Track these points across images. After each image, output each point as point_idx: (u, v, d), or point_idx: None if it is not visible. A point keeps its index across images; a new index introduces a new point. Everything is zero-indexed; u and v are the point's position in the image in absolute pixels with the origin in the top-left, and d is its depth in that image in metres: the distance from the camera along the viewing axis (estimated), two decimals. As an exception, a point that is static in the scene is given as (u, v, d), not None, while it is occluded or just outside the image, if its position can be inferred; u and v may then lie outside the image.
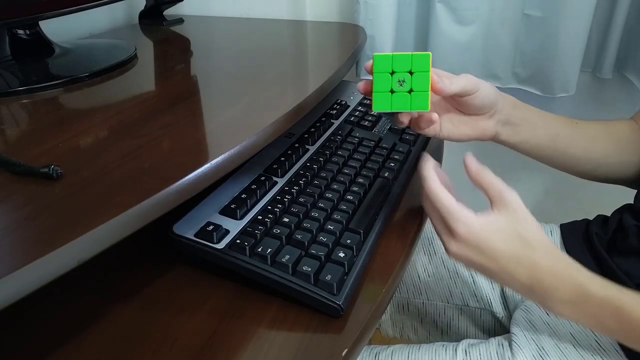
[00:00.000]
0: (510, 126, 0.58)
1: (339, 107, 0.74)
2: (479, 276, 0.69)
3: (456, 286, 0.70)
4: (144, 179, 0.39)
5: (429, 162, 0.50)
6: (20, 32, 0.66)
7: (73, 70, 0.65)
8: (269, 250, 0.45)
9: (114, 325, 0.43)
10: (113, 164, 0.41)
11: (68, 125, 0.50)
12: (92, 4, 0.69)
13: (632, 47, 0.86)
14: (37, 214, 0.34)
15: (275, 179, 0.56)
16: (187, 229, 0.48)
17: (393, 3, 0.90)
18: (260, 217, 0.49)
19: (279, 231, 0.48)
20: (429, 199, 0.48)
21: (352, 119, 0.72)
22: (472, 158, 0.50)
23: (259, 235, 0.47)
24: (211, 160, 0.41)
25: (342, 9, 1.00)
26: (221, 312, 0.44)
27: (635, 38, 0.85)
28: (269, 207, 0.51)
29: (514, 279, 0.46)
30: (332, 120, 0.71)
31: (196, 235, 0.47)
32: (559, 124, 0.60)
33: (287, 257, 0.45)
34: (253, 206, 0.51)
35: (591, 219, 0.67)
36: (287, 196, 0.53)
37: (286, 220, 0.49)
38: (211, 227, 0.47)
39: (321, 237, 0.48)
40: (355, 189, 0.56)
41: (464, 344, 0.56)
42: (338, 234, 0.49)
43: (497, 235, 0.46)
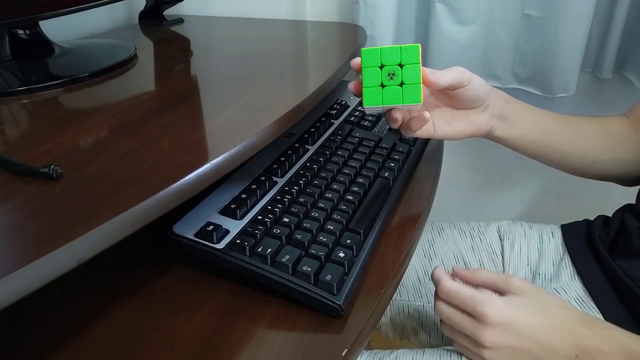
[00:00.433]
0: (505, 120, 0.57)
1: (339, 107, 0.74)
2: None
3: None
4: (144, 179, 0.39)
5: (438, 268, 0.52)
6: (20, 32, 0.66)
7: (73, 70, 0.65)
8: (269, 250, 0.45)
9: (114, 325, 0.43)
10: (113, 164, 0.41)
11: (68, 125, 0.50)
12: (92, 4, 0.69)
13: (632, 47, 0.86)
14: (37, 214, 0.34)
15: (275, 179, 0.56)
16: (187, 229, 0.48)
17: (393, 3, 0.89)
18: (260, 217, 0.49)
19: (279, 231, 0.48)
20: (449, 297, 0.49)
21: (352, 119, 0.72)
22: (451, 270, 0.53)
23: (259, 235, 0.47)
24: (211, 160, 0.41)
25: (342, 9, 1.00)
26: (221, 312, 0.44)
27: (635, 38, 0.85)
28: (269, 207, 0.51)
29: (556, 353, 0.45)
30: (332, 120, 0.71)
31: (196, 235, 0.47)
32: (551, 120, 0.60)
33: (287, 257, 0.45)
34: (253, 206, 0.51)
35: (592, 219, 0.67)
36: (287, 196, 0.53)
37: (286, 220, 0.49)
38: (211, 227, 0.47)
39: (321, 237, 0.48)
40: (355, 189, 0.56)
41: None
42: (338, 234, 0.49)
43: (525, 311, 0.46)
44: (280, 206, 0.51)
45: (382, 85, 0.46)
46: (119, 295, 0.46)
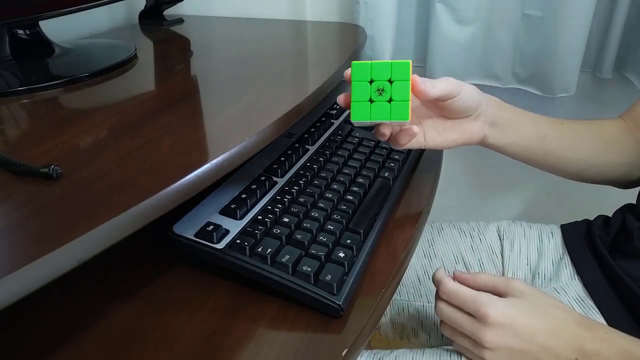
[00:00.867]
0: (498, 128, 0.56)
1: (338, 107, 0.74)
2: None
3: None
4: (144, 179, 0.39)
5: (439, 269, 0.52)
6: (20, 32, 0.66)
7: (73, 70, 0.65)
8: (269, 250, 0.45)
9: (114, 325, 0.43)
10: (113, 164, 0.41)
11: (68, 125, 0.50)
12: (92, 4, 0.69)
13: (632, 47, 0.86)
14: (37, 214, 0.34)
15: (275, 179, 0.56)
16: (187, 229, 0.48)
17: (393, 3, 0.90)
18: (260, 217, 0.49)
19: (279, 231, 0.48)
20: (451, 297, 0.49)
21: (352, 119, 0.72)
22: (453, 273, 0.53)
23: (259, 235, 0.47)
24: (211, 160, 0.41)
25: (342, 9, 1.00)
26: (221, 312, 0.44)
27: (635, 38, 0.85)
28: (269, 207, 0.51)
29: (556, 356, 0.45)
30: (332, 120, 0.71)
31: (196, 235, 0.47)
32: (545, 125, 0.60)
33: (287, 257, 0.45)
34: (253, 206, 0.51)
35: (592, 219, 0.67)
36: (287, 196, 0.53)
37: (286, 220, 0.49)
38: (211, 227, 0.47)
39: (321, 237, 0.48)
40: (355, 189, 0.56)
41: None
42: (338, 234, 0.49)
43: (525, 312, 0.46)
44: (280, 206, 0.51)
45: (371, 101, 0.46)
46: (119, 295, 0.46)
